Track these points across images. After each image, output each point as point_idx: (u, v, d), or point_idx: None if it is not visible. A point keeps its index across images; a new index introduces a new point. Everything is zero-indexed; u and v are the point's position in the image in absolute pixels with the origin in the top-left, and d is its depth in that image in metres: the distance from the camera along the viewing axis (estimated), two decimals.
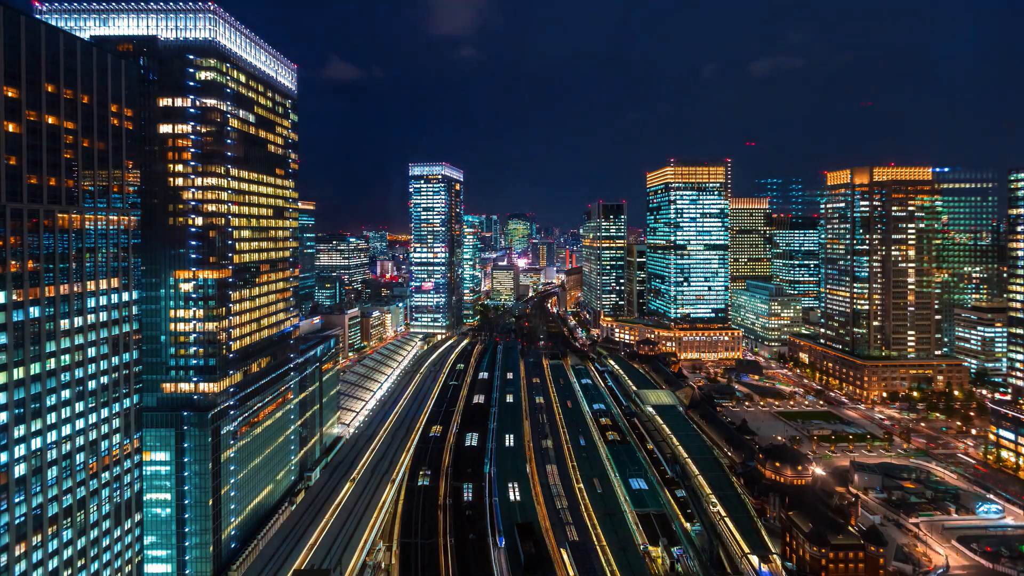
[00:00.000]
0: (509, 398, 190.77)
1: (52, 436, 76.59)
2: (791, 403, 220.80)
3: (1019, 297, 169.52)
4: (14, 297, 70.86)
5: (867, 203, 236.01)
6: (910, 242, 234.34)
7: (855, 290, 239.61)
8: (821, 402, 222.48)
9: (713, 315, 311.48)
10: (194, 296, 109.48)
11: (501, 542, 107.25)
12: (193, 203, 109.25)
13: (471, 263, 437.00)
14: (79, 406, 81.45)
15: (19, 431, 71.44)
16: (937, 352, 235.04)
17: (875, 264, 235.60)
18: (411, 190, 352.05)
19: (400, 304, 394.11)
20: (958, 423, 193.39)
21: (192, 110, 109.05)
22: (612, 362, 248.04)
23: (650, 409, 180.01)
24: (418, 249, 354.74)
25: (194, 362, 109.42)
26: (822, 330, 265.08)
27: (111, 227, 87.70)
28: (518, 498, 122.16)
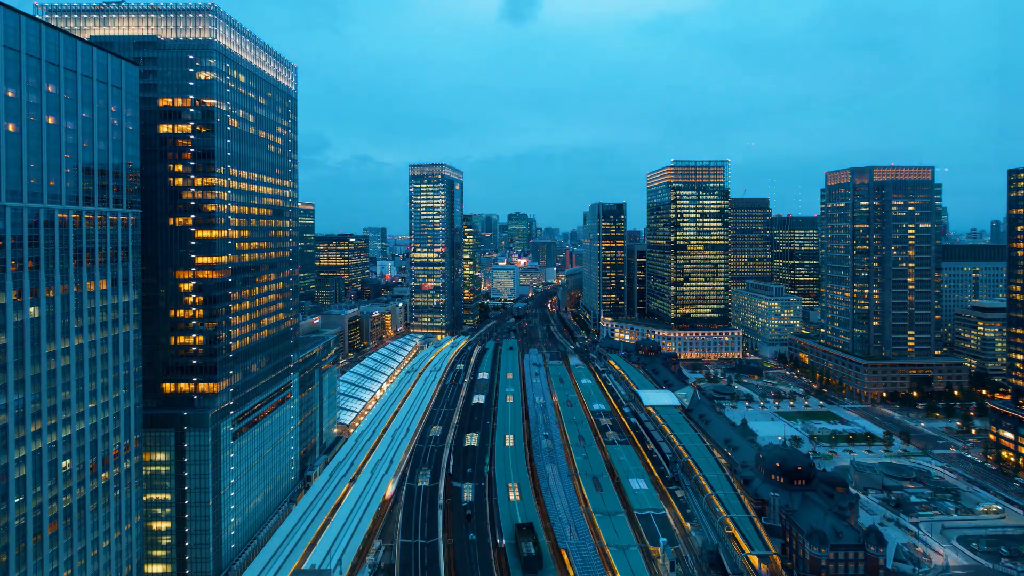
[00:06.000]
0: (509, 398, 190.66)
1: (52, 436, 76.60)
2: (791, 403, 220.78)
3: (1019, 297, 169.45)
4: (14, 297, 70.89)
5: (867, 203, 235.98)
6: (910, 242, 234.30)
7: (855, 290, 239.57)
8: (821, 402, 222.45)
9: (713, 315, 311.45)
10: (194, 296, 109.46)
11: (501, 542, 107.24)
12: (193, 203, 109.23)
13: (471, 263, 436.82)
14: (79, 406, 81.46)
15: (19, 431, 71.45)
16: (937, 352, 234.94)
17: (875, 264, 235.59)
18: (411, 190, 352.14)
19: (400, 304, 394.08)
20: (958, 423, 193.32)
21: (192, 110, 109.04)
22: (612, 362, 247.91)
23: (650, 409, 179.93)
24: (418, 249, 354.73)
25: (194, 362, 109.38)
26: (822, 330, 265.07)
27: (111, 227, 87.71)
28: (518, 498, 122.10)
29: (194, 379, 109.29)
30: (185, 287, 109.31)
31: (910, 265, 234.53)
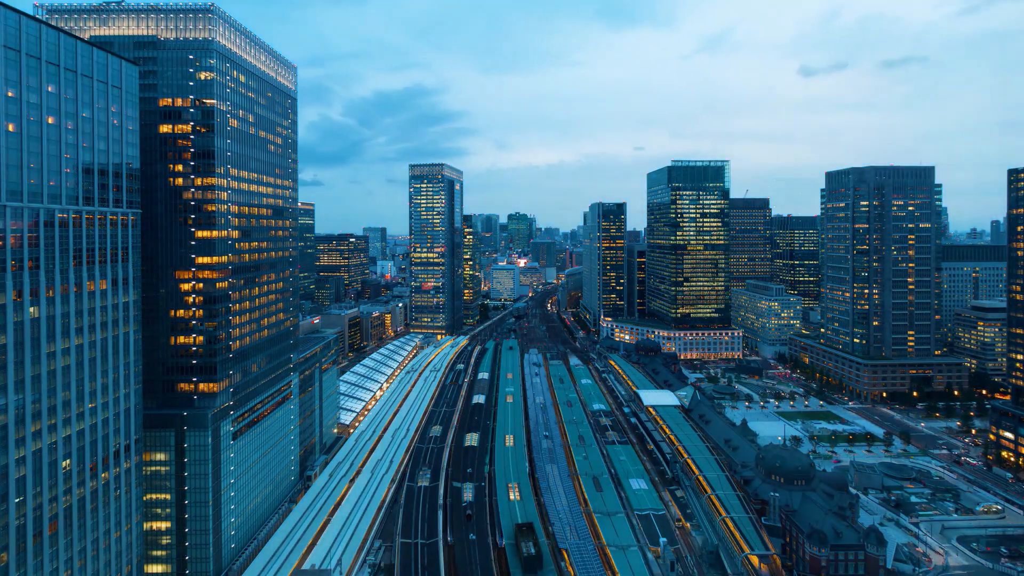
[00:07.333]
0: (509, 398, 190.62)
1: (52, 436, 76.59)
2: (791, 403, 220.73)
3: (1019, 297, 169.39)
4: (14, 297, 70.88)
5: (867, 203, 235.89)
6: (910, 242, 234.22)
7: (855, 290, 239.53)
8: (821, 402, 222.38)
9: (713, 315, 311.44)
10: (194, 296, 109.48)
11: (501, 542, 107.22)
12: (193, 203, 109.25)
13: (471, 263, 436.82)
14: (79, 406, 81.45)
15: (19, 431, 71.44)
16: (937, 352, 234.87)
17: (875, 264, 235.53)
18: (411, 190, 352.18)
19: (400, 304, 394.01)
20: (958, 423, 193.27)
21: (192, 110, 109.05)
22: (612, 362, 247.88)
23: (650, 409, 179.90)
24: (418, 249, 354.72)
25: (194, 362, 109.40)
26: (822, 330, 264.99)
27: (111, 227, 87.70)
28: (518, 498, 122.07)
29: (194, 379, 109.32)
30: (185, 287, 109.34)
31: (910, 265, 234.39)
